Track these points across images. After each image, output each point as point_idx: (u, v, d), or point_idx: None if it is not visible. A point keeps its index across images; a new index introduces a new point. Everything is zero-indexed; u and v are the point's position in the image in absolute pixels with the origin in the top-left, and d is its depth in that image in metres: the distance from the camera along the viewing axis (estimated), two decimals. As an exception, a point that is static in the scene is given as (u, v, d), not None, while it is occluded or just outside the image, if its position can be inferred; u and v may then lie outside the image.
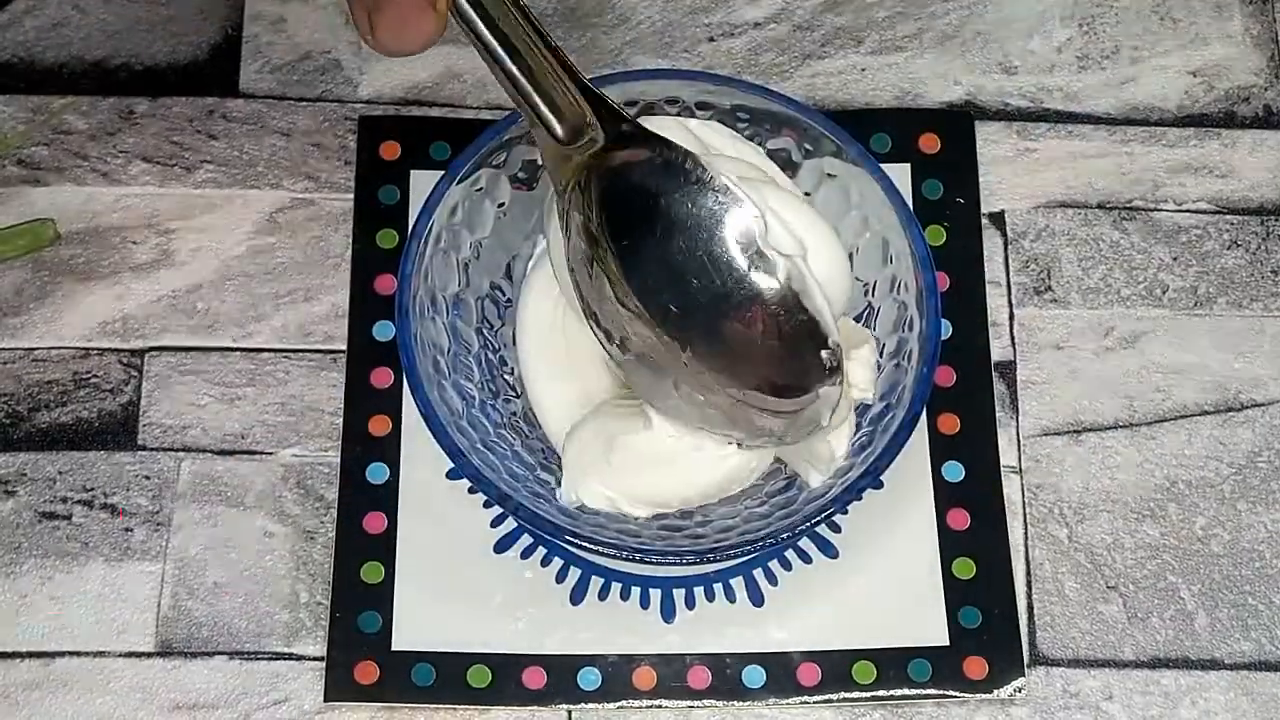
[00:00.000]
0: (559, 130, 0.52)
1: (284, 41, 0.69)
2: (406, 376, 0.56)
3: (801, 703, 0.59)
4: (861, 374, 0.57)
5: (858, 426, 0.58)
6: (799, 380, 0.53)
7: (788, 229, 0.52)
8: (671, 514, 0.58)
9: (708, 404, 0.54)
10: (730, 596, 0.61)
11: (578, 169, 0.52)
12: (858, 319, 0.60)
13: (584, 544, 0.55)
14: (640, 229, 0.52)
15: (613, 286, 0.53)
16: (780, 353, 0.52)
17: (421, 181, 0.65)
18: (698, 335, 0.52)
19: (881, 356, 0.59)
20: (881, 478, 0.57)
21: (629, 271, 0.52)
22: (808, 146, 0.60)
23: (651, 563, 0.56)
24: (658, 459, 0.56)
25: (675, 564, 0.59)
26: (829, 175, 0.60)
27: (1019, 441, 0.63)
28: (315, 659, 0.60)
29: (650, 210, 0.52)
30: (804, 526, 0.55)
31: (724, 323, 0.52)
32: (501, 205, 0.60)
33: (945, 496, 0.62)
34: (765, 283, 0.51)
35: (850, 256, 0.61)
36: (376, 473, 0.62)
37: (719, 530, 0.57)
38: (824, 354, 0.52)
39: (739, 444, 0.55)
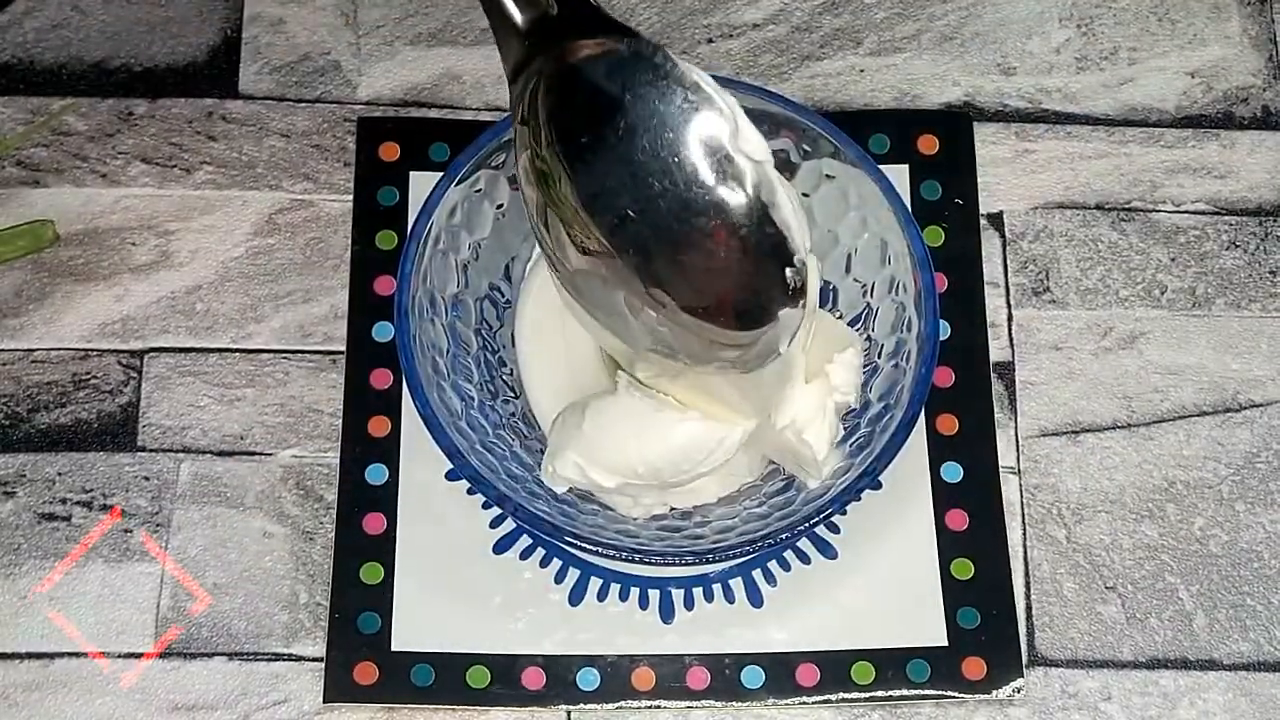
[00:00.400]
0: (517, 16, 0.48)
1: (283, 43, 0.69)
2: (406, 378, 0.56)
3: (800, 703, 0.59)
4: (845, 377, 0.57)
5: (855, 428, 0.58)
6: (759, 300, 0.49)
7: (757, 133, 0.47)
8: (670, 515, 0.58)
9: (659, 322, 0.50)
10: (729, 597, 0.61)
11: (526, 85, 0.48)
12: (855, 320, 0.60)
13: (583, 544, 0.55)
14: (599, 130, 0.47)
15: (567, 228, 0.49)
16: (742, 268, 0.48)
17: (421, 183, 0.66)
18: (654, 247, 0.48)
19: (880, 357, 0.59)
20: (880, 478, 0.57)
21: (582, 185, 0.48)
22: (806, 148, 0.60)
23: (650, 563, 0.56)
24: (624, 422, 0.55)
25: (674, 565, 0.59)
26: (827, 176, 0.60)
27: (1017, 442, 0.64)
28: (315, 659, 0.60)
29: (612, 107, 0.47)
30: (803, 527, 0.55)
31: (683, 234, 0.47)
32: (500, 206, 0.60)
33: (944, 497, 0.62)
34: (730, 190, 0.47)
35: (849, 257, 0.61)
36: (376, 474, 0.62)
37: (718, 531, 0.57)
38: (788, 272, 0.48)
39: (689, 365, 0.52)
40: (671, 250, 0.48)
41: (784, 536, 0.55)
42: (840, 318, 0.61)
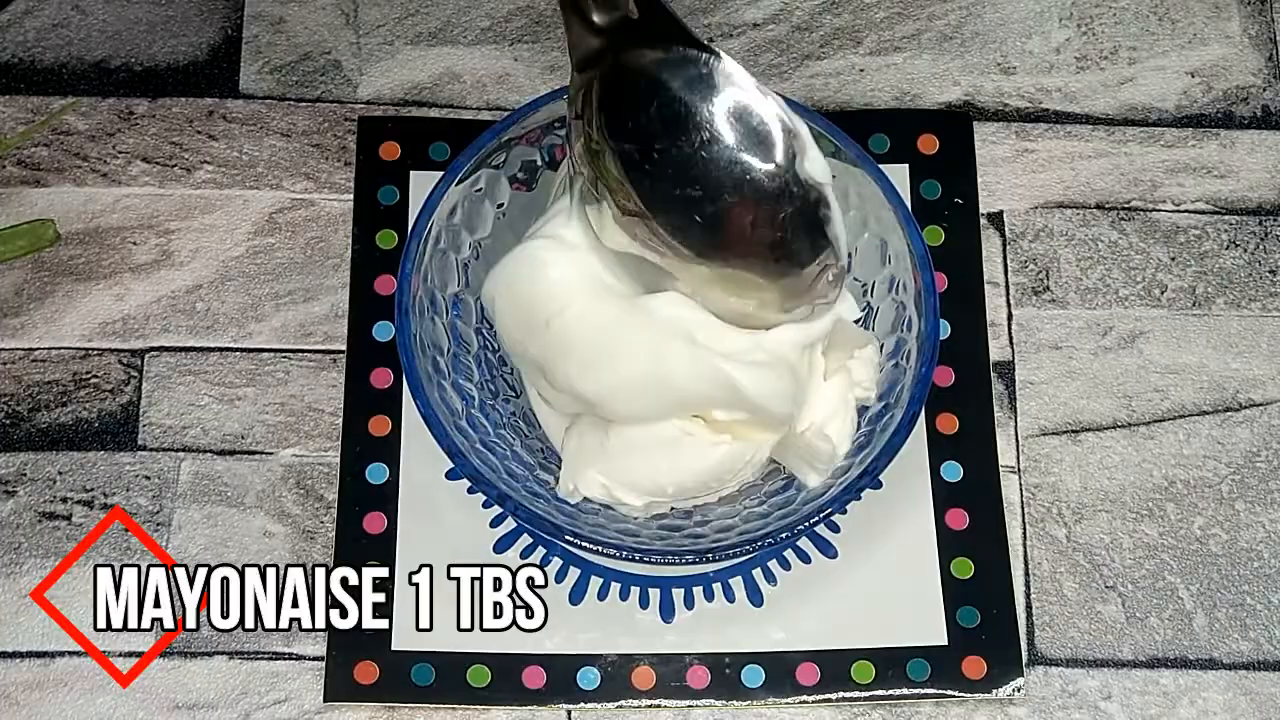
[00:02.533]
0: (596, 16, 0.50)
1: (284, 42, 0.69)
2: (406, 377, 0.56)
3: (800, 702, 0.59)
4: (865, 373, 0.58)
5: (856, 427, 0.58)
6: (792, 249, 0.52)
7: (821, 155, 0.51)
8: (671, 514, 0.58)
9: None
10: (729, 596, 0.61)
11: (592, 77, 0.51)
12: (856, 320, 0.60)
13: (584, 544, 0.55)
14: (667, 133, 0.50)
15: (613, 194, 0.52)
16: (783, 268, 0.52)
17: (421, 182, 0.66)
18: (708, 247, 0.52)
19: (880, 356, 0.59)
20: (880, 478, 0.57)
21: (631, 172, 0.51)
22: (807, 147, 0.60)
23: (651, 562, 0.56)
24: (652, 443, 0.55)
25: (675, 564, 0.59)
26: (828, 176, 0.60)
27: (1017, 441, 0.64)
28: (315, 659, 0.60)
29: (682, 113, 0.50)
30: (803, 526, 0.55)
31: (732, 241, 0.51)
32: (501, 206, 0.60)
33: (944, 496, 0.62)
34: (793, 208, 0.51)
35: (849, 257, 0.61)
36: (376, 473, 0.62)
37: (718, 530, 0.57)
38: (831, 272, 0.52)
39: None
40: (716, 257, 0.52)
41: (784, 536, 0.55)
42: (841, 316, 0.61)
